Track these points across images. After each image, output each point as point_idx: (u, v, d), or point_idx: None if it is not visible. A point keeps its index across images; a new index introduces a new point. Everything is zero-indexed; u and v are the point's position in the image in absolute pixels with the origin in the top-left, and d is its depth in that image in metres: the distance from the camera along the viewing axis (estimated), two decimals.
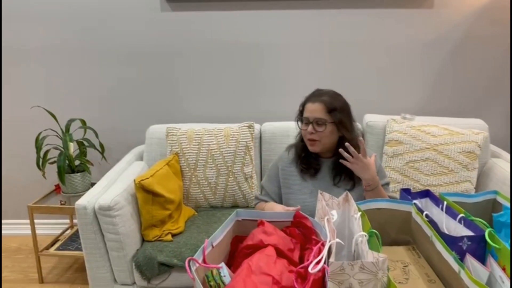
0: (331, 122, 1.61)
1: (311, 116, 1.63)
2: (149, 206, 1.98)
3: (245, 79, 2.59)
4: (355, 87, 2.55)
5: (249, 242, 1.12)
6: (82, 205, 1.86)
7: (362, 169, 1.55)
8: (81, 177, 2.35)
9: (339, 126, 1.63)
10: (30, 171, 2.66)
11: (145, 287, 1.92)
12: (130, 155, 2.46)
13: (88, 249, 1.90)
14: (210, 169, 2.24)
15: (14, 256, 2.62)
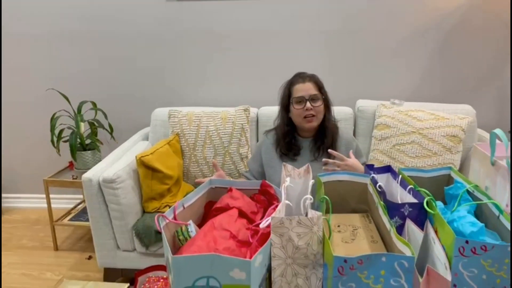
0: (322, 98, 1.76)
1: (306, 94, 1.76)
2: (148, 180, 2.17)
3: (244, 66, 2.73)
4: (349, 74, 2.66)
5: (217, 205, 1.28)
6: (88, 178, 2.06)
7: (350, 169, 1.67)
8: (91, 154, 2.56)
9: (326, 103, 1.79)
10: (46, 149, 2.89)
11: (144, 253, 2.12)
12: (136, 135, 2.65)
13: (94, 218, 2.11)
14: (208, 149, 2.41)
15: (33, 226, 2.88)
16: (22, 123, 2.95)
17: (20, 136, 2.99)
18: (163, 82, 2.80)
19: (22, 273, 2.36)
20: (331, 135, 1.82)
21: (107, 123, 2.66)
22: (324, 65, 2.66)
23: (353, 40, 2.61)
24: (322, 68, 2.56)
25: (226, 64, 2.74)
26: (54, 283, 2.27)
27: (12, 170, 3.07)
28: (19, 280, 2.30)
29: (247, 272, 0.94)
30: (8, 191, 3.12)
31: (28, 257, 2.52)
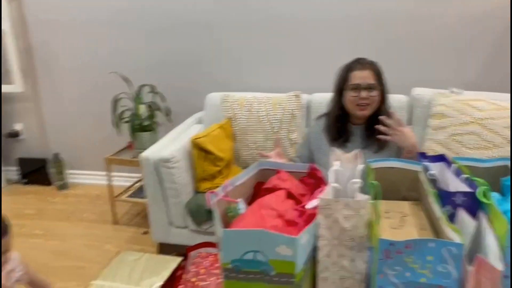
0: (379, 88, 1.74)
1: (363, 82, 1.75)
2: (201, 161, 2.25)
3: (297, 52, 2.73)
4: (404, 60, 2.58)
5: (266, 186, 1.32)
6: (145, 157, 2.18)
7: (402, 138, 1.64)
8: (149, 135, 2.70)
9: (383, 92, 1.76)
10: (108, 129, 3.08)
11: (195, 230, 2.22)
12: (191, 118, 2.75)
13: (150, 195, 2.24)
14: (258, 134, 2.45)
15: (94, 201, 3.08)
16: (87, 104, 3.16)
17: (85, 116, 3.20)
18: (218, 68, 2.88)
19: (84, 244, 2.56)
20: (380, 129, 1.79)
21: (164, 106, 2.78)
22: (377, 51, 2.59)
23: (409, 24, 2.52)
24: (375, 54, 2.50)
25: (280, 51, 2.76)
26: (113, 254, 2.43)
27: (76, 148, 3.30)
28: (82, 250, 2.50)
29: (294, 249, 0.97)
30: (73, 168, 3.37)
31: (90, 229, 2.71)
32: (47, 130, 3.33)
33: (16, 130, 3.35)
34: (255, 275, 1.03)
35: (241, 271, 1.02)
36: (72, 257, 2.41)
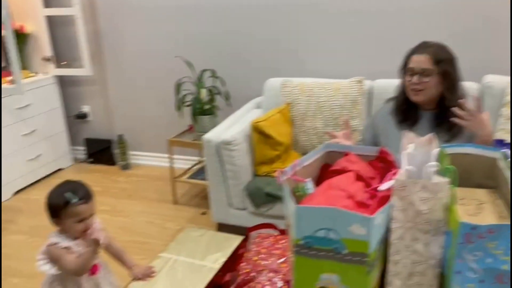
0: (437, 73, 1.66)
1: (417, 66, 1.69)
2: (261, 145, 2.28)
3: (360, 37, 2.67)
4: (474, 46, 2.44)
5: (334, 168, 1.31)
6: (208, 139, 2.24)
7: (478, 126, 1.56)
8: (209, 119, 2.76)
9: (444, 78, 1.68)
10: (169, 113, 3.19)
11: (254, 212, 2.26)
12: (250, 103, 2.79)
13: (211, 176, 2.30)
14: (318, 120, 2.43)
15: (155, 181, 3.21)
16: (151, 88, 3.28)
17: (148, 99, 3.33)
18: (278, 53, 2.88)
19: (146, 221, 2.68)
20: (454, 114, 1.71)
21: (224, 91, 2.83)
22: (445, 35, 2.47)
23: (481, 7, 2.38)
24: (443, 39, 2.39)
25: (342, 35, 2.71)
26: (173, 232, 2.54)
27: (139, 130, 3.45)
28: (145, 226, 2.62)
29: (368, 229, 0.96)
30: (135, 149, 3.52)
31: (151, 208, 2.84)
32: (112, 113, 3.50)
33: (84, 112, 3.55)
34: (327, 253, 1.03)
35: (313, 248, 1.03)
36: (135, 233, 2.54)
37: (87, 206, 1.41)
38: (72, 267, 1.38)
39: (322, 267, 1.03)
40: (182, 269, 1.57)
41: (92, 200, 1.43)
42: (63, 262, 1.38)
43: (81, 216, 1.40)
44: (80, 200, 1.39)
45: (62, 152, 3.47)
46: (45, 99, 3.26)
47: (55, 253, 1.39)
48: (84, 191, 1.42)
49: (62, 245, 1.39)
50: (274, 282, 1.52)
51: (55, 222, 1.42)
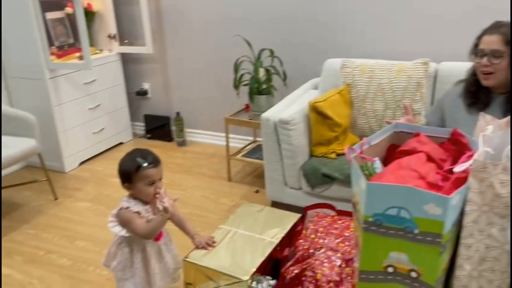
0: (508, 55, 1.57)
1: (487, 48, 1.61)
2: (319, 126, 2.27)
3: (426, 16, 2.56)
4: None
5: (403, 148, 1.28)
6: (266, 118, 2.26)
7: None
8: (266, 98, 2.77)
9: None
10: (226, 91, 3.24)
11: (309, 192, 2.27)
12: (307, 84, 2.77)
13: (268, 155, 2.32)
14: (378, 102, 2.38)
15: (210, 159, 3.30)
16: (209, 67, 3.34)
17: (206, 78, 3.40)
18: (337, 33, 2.82)
19: (202, 195, 2.77)
20: None
21: (281, 70, 2.83)
22: None
23: None
24: None
25: (405, 14, 2.61)
26: (227, 207, 2.60)
27: (196, 108, 3.53)
28: (200, 200, 2.71)
29: (444, 209, 0.94)
30: (191, 127, 3.61)
31: (207, 183, 2.92)
32: (171, 90, 3.60)
33: (144, 89, 3.68)
34: (396, 231, 1.02)
35: (382, 225, 1.02)
36: (192, 206, 2.63)
37: (156, 170, 1.49)
38: (142, 231, 1.47)
39: (391, 246, 1.03)
40: (241, 241, 1.62)
41: (160, 165, 1.51)
42: (133, 225, 1.47)
43: (151, 179, 1.48)
44: (150, 164, 1.47)
45: (123, 127, 3.63)
46: (109, 76, 3.41)
47: (126, 216, 1.48)
48: (153, 157, 1.51)
49: (133, 209, 1.48)
50: (333, 260, 1.53)
51: (127, 187, 1.50)
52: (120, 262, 1.56)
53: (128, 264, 1.56)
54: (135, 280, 1.55)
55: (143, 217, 1.48)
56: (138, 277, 1.55)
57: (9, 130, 2.59)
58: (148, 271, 1.57)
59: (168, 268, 1.62)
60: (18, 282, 2.02)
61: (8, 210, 2.66)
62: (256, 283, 1.45)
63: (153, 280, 1.57)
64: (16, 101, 3.09)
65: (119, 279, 1.57)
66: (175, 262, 1.66)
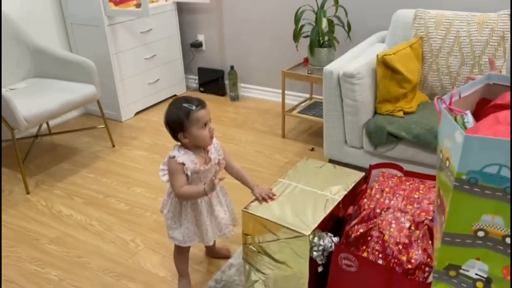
0: None
1: None
2: (386, 81, 2.10)
3: None
4: None
5: (498, 102, 1.13)
6: (329, 71, 2.12)
7: None
8: (327, 52, 2.62)
9: None
10: (283, 44, 3.10)
11: (370, 152, 2.14)
12: (372, 37, 2.57)
13: (328, 111, 2.20)
14: (454, 58, 2.17)
15: (263, 115, 3.22)
16: (266, 19, 3.19)
17: (262, 31, 3.26)
18: None
19: (255, 150, 2.71)
20: None
21: (346, 22, 2.64)
22: None
23: None
24: None
25: None
26: (282, 163, 2.54)
27: (250, 62, 3.43)
28: (254, 155, 2.66)
29: None
30: (245, 82, 3.53)
31: (260, 138, 2.86)
32: (225, 43, 3.50)
33: (199, 41, 3.61)
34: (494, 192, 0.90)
35: (477, 184, 0.90)
36: (246, 160, 2.59)
37: (205, 110, 1.44)
38: (176, 190, 1.45)
39: (485, 207, 0.91)
40: (302, 196, 1.55)
41: (207, 106, 1.46)
42: (173, 180, 1.46)
43: (203, 120, 1.43)
44: (197, 107, 1.42)
45: (177, 79, 3.61)
46: (165, 25, 3.36)
47: (170, 167, 1.46)
48: (197, 99, 1.46)
49: (179, 160, 1.43)
50: (401, 222, 1.43)
51: (182, 136, 1.45)
52: (170, 210, 1.55)
53: (177, 214, 1.55)
54: (183, 230, 1.54)
55: (187, 169, 1.44)
56: (186, 228, 1.54)
57: (69, 75, 2.62)
58: (197, 223, 1.55)
59: (219, 223, 1.59)
60: (78, 222, 2.09)
61: (68, 154, 2.75)
62: (318, 239, 1.38)
63: (203, 232, 1.55)
64: (75, 49, 3.12)
65: (169, 226, 1.57)
66: (229, 218, 1.63)
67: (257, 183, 1.59)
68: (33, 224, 2.09)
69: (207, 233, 1.55)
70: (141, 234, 1.99)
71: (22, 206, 2.23)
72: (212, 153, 1.53)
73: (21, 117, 2.18)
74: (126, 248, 1.91)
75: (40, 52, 2.68)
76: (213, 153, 1.53)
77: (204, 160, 1.51)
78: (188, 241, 1.56)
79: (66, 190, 2.36)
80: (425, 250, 1.35)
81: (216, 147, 1.56)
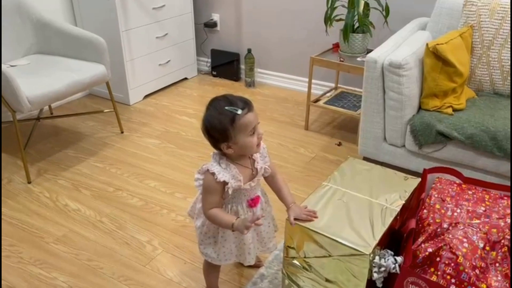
0: None
1: None
2: (436, 73, 1.89)
3: None
4: None
5: None
6: (373, 59, 1.90)
7: None
8: (361, 38, 2.39)
9: None
10: (308, 27, 2.86)
11: (414, 152, 1.94)
12: (411, 24, 2.34)
13: (368, 104, 1.99)
14: (507, 50, 1.95)
15: (281, 103, 2.99)
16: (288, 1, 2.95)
17: (285, 11, 3.01)
18: None
19: (278, 143, 2.50)
20: None
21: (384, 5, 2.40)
22: None
23: None
24: None
25: None
26: (308, 159, 2.33)
27: (269, 46, 3.19)
28: (277, 148, 2.45)
29: None
30: (262, 67, 3.29)
31: (281, 130, 2.64)
32: (243, 24, 3.25)
33: (213, 20, 3.35)
34: None
35: None
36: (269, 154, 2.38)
37: (253, 114, 1.19)
38: (205, 210, 1.24)
39: None
40: (355, 205, 1.34)
41: (253, 107, 1.20)
42: (205, 198, 1.25)
43: (252, 126, 1.18)
44: (244, 110, 1.17)
45: (189, 61, 3.36)
46: (178, 2, 3.09)
47: (207, 185, 1.23)
48: (242, 100, 1.19)
49: (220, 178, 1.19)
50: (473, 240, 1.24)
51: (227, 147, 1.20)
52: (205, 224, 1.32)
53: (213, 229, 1.32)
54: (219, 248, 1.32)
55: (229, 187, 1.21)
56: (223, 246, 1.31)
57: (75, 53, 2.37)
58: (238, 243, 1.32)
59: (263, 237, 1.38)
60: (87, 219, 1.87)
61: (73, 139, 2.52)
62: (379, 258, 1.18)
63: (245, 252, 1.32)
64: (80, 24, 2.85)
65: (201, 241, 1.35)
66: (272, 229, 1.42)
67: (294, 200, 1.34)
68: (36, 219, 1.87)
69: (249, 252, 1.33)
70: (158, 235, 1.78)
71: (23, 197, 2.01)
72: (258, 162, 1.28)
73: (24, 98, 1.94)
74: (142, 251, 1.70)
75: (44, 26, 2.41)
76: (260, 162, 1.29)
77: (251, 172, 1.26)
78: (223, 259, 1.34)
79: (72, 180, 2.14)
80: (506, 275, 1.16)
81: (262, 152, 1.32)
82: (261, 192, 1.37)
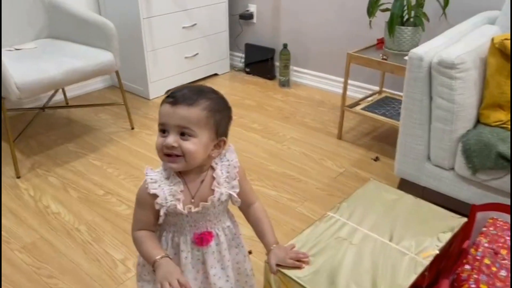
0: None
1: None
2: (502, 78, 1.45)
3: None
4: None
5: None
6: (418, 55, 1.49)
7: None
8: (411, 32, 1.97)
9: None
10: (353, 20, 2.48)
11: (465, 178, 1.50)
12: (477, 17, 1.88)
13: (408, 112, 1.58)
14: None
15: (316, 107, 2.63)
16: None
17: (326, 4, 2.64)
18: None
19: (302, 152, 2.14)
20: None
21: None
22: None
23: None
24: None
25: None
26: (334, 174, 1.95)
27: (307, 42, 2.83)
28: (299, 158, 2.09)
29: None
30: (299, 65, 2.94)
31: (309, 137, 2.28)
32: (281, 16, 2.92)
33: (250, 11, 3.04)
34: None
35: None
36: (287, 164, 2.03)
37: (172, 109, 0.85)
38: (132, 230, 0.95)
39: None
40: (368, 250, 0.97)
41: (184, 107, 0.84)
42: (134, 214, 0.95)
43: (162, 120, 0.86)
44: (168, 98, 0.87)
45: (220, 55, 3.09)
46: None
47: (137, 195, 0.93)
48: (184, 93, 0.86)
49: (151, 188, 0.88)
50: None
51: None
52: None
53: None
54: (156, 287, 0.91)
55: (160, 205, 0.87)
56: None
57: (85, 38, 2.16)
58: None
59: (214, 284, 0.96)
60: (64, 225, 1.63)
61: (79, 132, 2.32)
62: None
63: None
64: (103, 7, 2.66)
65: (139, 275, 1.01)
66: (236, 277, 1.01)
67: (277, 240, 0.97)
68: (10, 219, 1.67)
69: None
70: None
71: (6, 193, 1.82)
72: (219, 184, 0.91)
73: (12, 83, 1.74)
74: (112, 273, 1.42)
75: (56, 8, 2.24)
76: (222, 184, 0.91)
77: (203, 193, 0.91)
78: None
79: (63, 178, 1.92)
80: None
81: (230, 173, 0.93)
82: (229, 231, 0.97)
